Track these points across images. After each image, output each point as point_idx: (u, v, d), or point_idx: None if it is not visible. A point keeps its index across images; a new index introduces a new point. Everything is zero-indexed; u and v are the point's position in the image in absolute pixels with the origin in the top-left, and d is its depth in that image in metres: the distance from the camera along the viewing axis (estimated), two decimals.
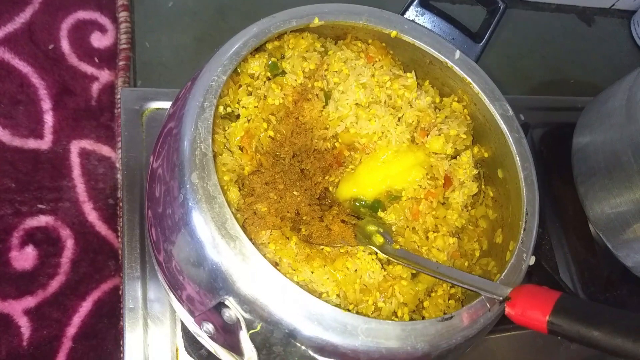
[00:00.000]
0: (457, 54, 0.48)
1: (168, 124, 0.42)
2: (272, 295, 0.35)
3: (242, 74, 0.46)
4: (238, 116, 0.47)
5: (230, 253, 0.35)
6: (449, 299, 0.48)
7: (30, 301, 0.60)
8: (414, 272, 0.46)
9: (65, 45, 0.71)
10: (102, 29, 0.74)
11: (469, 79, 0.49)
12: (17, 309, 0.59)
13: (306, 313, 0.35)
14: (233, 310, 0.35)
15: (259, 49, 0.47)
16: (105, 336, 0.61)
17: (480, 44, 0.52)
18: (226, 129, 0.46)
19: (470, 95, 0.51)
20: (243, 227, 0.42)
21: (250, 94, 0.47)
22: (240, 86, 0.46)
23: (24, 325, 0.59)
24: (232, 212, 0.36)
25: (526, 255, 0.43)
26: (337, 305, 0.41)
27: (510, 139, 0.47)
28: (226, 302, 0.35)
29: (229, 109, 0.46)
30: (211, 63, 0.40)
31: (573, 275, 0.75)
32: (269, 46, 0.48)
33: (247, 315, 0.35)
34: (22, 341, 0.58)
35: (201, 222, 0.36)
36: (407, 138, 0.50)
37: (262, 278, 0.35)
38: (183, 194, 0.36)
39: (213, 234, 0.35)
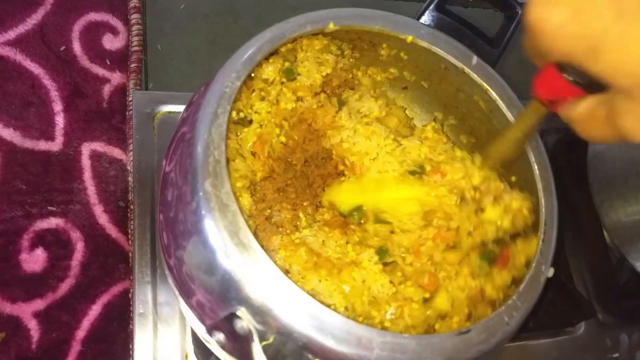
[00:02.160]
0: (474, 59, 0.48)
1: (181, 128, 0.42)
2: (286, 307, 0.34)
3: (255, 79, 0.46)
4: (251, 121, 0.46)
5: (243, 263, 0.35)
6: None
7: (39, 304, 0.60)
8: (427, 295, 0.43)
9: (76, 46, 0.71)
10: (114, 31, 0.73)
11: (486, 86, 0.48)
12: (27, 311, 0.59)
13: (320, 325, 0.34)
14: (245, 321, 0.34)
15: (272, 52, 0.46)
16: (115, 340, 0.60)
17: (498, 50, 0.51)
18: (239, 134, 0.45)
19: (487, 101, 0.50)
20: (255, 234, 0.41)
21: (263, 98, 0.46)
22: (253, 91, 0.46)
23: (33, 328, 0.59)
24: (245, 219, 0.36)
25: (544, 267, 0.42)
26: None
27: (529, 147, 0.46)
28: (238, 313, 0.34)
29: (242, 114, 0.46)
30: (225, 68, 0.40)
31: (587, 284, 0.73)
32: (282, 49, 0.47)
33: (259, 327, 0.34)
34: (31, 344, 0.58)
35: (214, 230, 0.35)
36: (404, 170, 0.47)
37: (276, 289, 0.34)
38: (196, 202, 0.35)
39: (226, 243, 0.35)
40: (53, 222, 0.63)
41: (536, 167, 0.46)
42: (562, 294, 0.66)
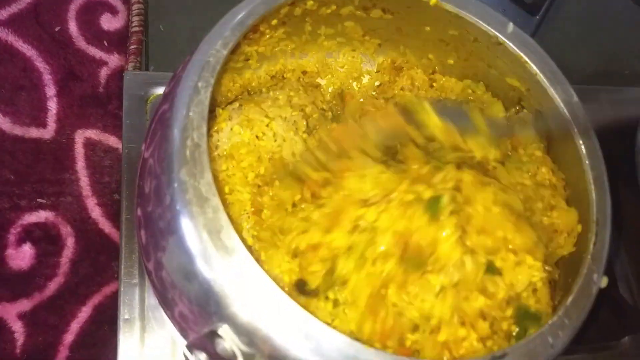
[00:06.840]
0: (510, 27, 0.40)
1: (162, 106, 0.36)
2: (277, 325, 0.28)
3: None
4: None
5: (225, 270, 0.28)
6: None
7: (25, 304, 0.55)
8: None
9: (72, 27, 0.67)
10: (113, 11, 0.69)
11: (525, 57, 0.40)
12: (11, 312, 0.55)
13: (319, 347, 0.28)
14: (228, 342, 0.28)
15: None
16: (105, 344, 0.56)
17: (537, 17, 0.43)
18: None
19: (524, 79, 0.42)
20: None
21: None
22: None
23: (18, 331, 0.55)
24: (229, 216, 0.29)
25: (597, 275, 0.35)
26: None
27: (577, 131, 0.39)
28: (219, 332, 0.28)
29: None
30: (210, 35, 0.34)
31: (633, 289, 0.66)
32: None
33: (245, 349, 0.28)
34: (15, 348, 0.54)
35: (191, 230, 0.29)
36: None
37: (266, 303, 0.28)
38: (170, 194, 0.29)
39: (205, 245, 0.29)
40: (42, 215, 0.59)
41: (586, 155, 0.38)
42: (605, 303, 0.59)
